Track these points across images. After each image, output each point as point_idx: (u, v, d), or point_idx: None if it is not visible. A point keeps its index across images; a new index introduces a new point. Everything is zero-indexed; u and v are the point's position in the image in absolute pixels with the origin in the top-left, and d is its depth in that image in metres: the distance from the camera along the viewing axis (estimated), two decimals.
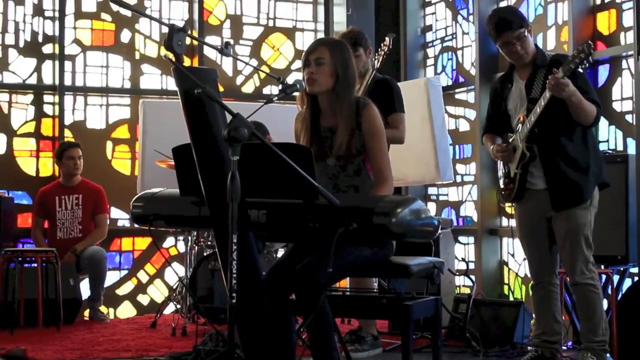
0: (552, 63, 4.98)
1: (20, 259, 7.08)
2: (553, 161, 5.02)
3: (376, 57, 6.00)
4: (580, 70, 4.93)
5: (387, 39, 6.08)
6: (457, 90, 8.43)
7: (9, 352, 5.63)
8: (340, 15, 8.88)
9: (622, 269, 5.84)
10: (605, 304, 5.30)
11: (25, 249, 7.55)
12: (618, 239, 5.60)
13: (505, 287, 7.77)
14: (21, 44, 8.38)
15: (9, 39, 8.34)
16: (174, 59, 3.46)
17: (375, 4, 8.86)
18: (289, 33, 9.25)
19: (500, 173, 5.33)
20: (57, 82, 8.38)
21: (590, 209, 5.04)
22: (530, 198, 5.17)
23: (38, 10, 8.43)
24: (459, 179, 8.27)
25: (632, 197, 5.77)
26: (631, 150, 6.30)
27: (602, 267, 5.65)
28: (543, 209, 5.12)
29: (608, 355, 5.12)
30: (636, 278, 5.94)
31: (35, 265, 6.99)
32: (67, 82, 8.44)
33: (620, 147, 6.52)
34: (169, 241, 8.58)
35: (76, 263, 7.52)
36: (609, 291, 5.63)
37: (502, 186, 5.30)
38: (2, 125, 8.27)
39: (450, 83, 8.51)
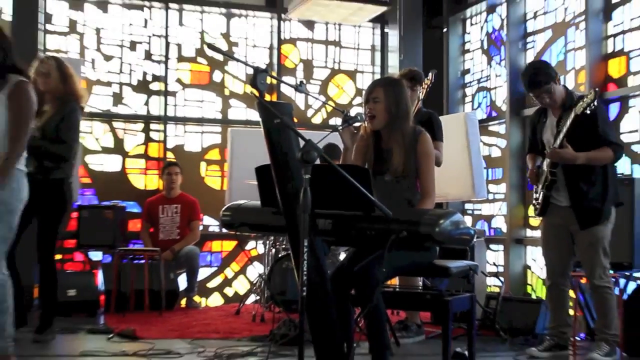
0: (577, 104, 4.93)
1: (131, 256, 7.18)
2: (577, 185, 4.99)
3: (421, 90, 5.95)
4: (601, 113, 4.94)
5: (430, 74, 6.01)
6: (490, 123, 8.36)
7: (122, 331, 5.71)
8: (394, 60, 8.88)
9: (628, 273, 5.73)
10: None
11: (135, 248, 7.62)
12: (625, 248, 5.51)
13: (529, 287, 7.67)
14: (134, 82, 8.51)
15: (124, 78, 8.48)
16: (257, 95, 3.47)
17: (422, 51, 8.84)
18: (351, 74, 9.25)
19: (534, 194, 5.30)
20: (162, 113, 8.50)
21: (608, 225, 5.01)
22: (554, 212, 5.13)
23: (148, 55, 8.56)
24: (491, 196, 8.19)
25: (638, 213, 5.65)
26: (637, 174, 6.23)
27: (611, 272, 5.56)
28: (566, 223, 5.10)
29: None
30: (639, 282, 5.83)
31: (143, 261, 7.08)
32: (170, 113, 8.55)
33: (627, 172, 6.41)
34: (251, 244, 8.62)
35: (174, 259, 7.59)
36: (617, 292, 5.53)
37: (534, 202, 5.27)
38: (117, 148, 8.40)
39: (485, 117, 8.44)
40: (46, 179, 5.34)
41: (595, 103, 4.80)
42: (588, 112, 4.82)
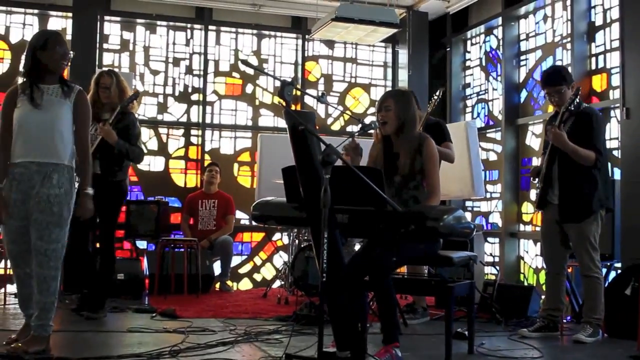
0: (579, 113, 4.87)
1: (172, 245, 7.18)
2: (567, 183, 4.91)
3: (429, 104, 5.90)
4: (595, 122, 4.86)
5: (439, 91, 5.98)
6: (488, 131, 8.31)
7: (164, 310, 5.70)
8: (403, 75, 8.84)
9: (608, 264, 5.69)
10: None
11: (176, 238, 7.64)
12: (607, 242, 5.45)
13: (521, 276, 7.61)
14: (176, 94, 8.52)
15: (168, 90, 8.50)
16: (284, 105, 3.46)
17: (428, 67, 8.81)
18: (366, 88, 9.22)
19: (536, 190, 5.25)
20: (200, 121, 8.50)
21: (593, 223, 4.90)
22: (549, 209, 5.06)
23: (189, 70, 8.57)
24: (488, 195, 8.14)
25: (618, 210, 5.62)
26: (617, 176, 6.15)
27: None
28: (558, 219, 5.01)
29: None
30: (619, 271, 5.76)
31: (182, 250, 7.08)
32: (208, 120, 8.55)
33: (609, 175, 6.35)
34: (277, 235, 8.61)
35: (210, 248, 7.60)
36: None
37: (535, 197, 5.21)
38: (161, 150, 8.42)
39: (483, 125, 8.39)
40: (111, 180, 5.36)
41: (578, 99, 4.77)
42: (572, 108, 4.78)
